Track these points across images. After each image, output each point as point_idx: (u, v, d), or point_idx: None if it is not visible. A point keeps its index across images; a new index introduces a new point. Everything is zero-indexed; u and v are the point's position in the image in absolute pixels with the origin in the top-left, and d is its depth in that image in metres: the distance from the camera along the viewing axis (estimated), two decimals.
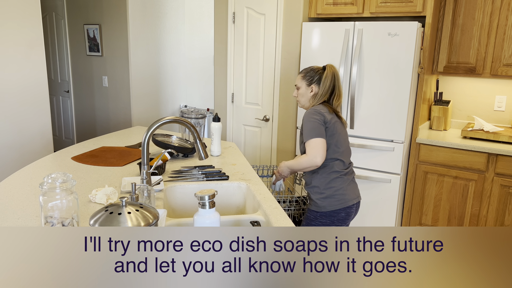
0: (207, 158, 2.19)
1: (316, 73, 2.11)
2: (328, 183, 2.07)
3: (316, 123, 1.99)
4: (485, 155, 3.01)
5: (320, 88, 2.09)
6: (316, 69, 2.13)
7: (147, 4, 4.78)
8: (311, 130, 1.97)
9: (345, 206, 2.08)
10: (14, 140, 3.35)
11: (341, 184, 2.07)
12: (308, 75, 2.12)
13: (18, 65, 3.30)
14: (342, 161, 2.08)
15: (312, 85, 2.11)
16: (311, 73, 2.12)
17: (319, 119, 2.00)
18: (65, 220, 1.40)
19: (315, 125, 1.99)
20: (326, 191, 2.07)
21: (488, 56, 3.16)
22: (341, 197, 2.07)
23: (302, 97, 2.16)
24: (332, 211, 2.07)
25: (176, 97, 5.45)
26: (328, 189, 2.07)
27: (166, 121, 1.67)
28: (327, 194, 2.07)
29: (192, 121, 2.63)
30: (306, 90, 2.13)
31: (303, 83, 2.13)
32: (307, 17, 3.51)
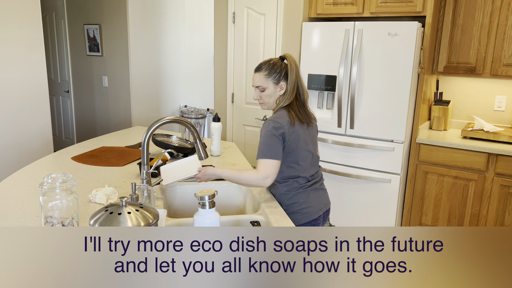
0: (207, 158, 2.18)
1: (281, 68, 1.82)
2: (289, 199, 1.86)
3: (274, 140, 1.75)
4: (485, 155, 3.01)
5: (289, 84, 1.82)
6: (277, 62, 1.84)
7: (147, 4, 4.78)
8: (268, 148, 1.74)
9: (310, 220, 1.89)
10: (14, 140, 3.35)
11: (304, 197, 1.88)
12: (273, 72, 1.81)
13: (18, 65, 3.30)
14: (304, 177, 1.88)
15: (281, 83, 1.82)
16: (275, 68, 1.82)
17: (278, 136, 1.76)
18: (65, 220, 1.40)
19: (273, 142, 1.75)
20: (288, 208, 1.86)
21: (488, 56, 3.16)
22: (305, 211, 1.88)
23: (270, 98, 1.85)
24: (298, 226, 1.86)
25: (176, 97, 5.45)
26: (291, 205, 1.86)
27: (166, 121, 1.67)
28: (291, 210, 1.86)
29: (192, 121, 2.63)
30: (275, 90, 1.83)
31: (269, 83, 1.81)
32: (307, 17, 3.51)
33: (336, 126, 3.37)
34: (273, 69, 1.81)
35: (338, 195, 3.47)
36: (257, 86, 1.85)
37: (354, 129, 3.30)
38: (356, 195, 3.39)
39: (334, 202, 3.51)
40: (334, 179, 3.45)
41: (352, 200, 3.42)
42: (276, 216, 1.66)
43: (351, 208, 3.44)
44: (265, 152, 1.74)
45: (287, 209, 1.85)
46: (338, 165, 3.43)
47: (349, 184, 3.40)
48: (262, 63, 1.85)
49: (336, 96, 3.32)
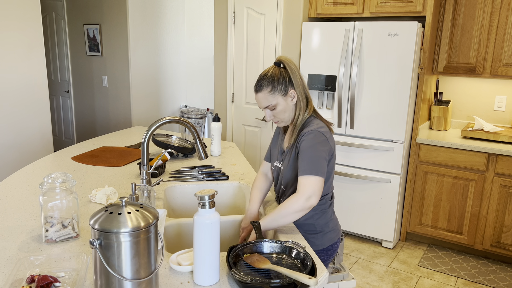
0: (207, 158, 2.18)
1: (283, 77, 1.59)
2: (323, 218, 1.69)
3: (322, 154, 1.54)
4: (485, 155, 3.01)
5: (297, 89, 1.60)
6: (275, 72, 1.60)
7: (147, 4, 4.78)
8: (315, 163, 1.51)
9: (340, 236, 1.78)
10: (14, 140, 3.35)
11: (332, 213, 1.75)
12: (277, 84, 1.57)
13: (18, 65, 3.30)
14: (331, 192, 1.75)
15: (290, 91, 1.59)
16: (278, 80, 1.58)
17: (327, 151, 1.56)
18: (65, 220, 1.40)
19: (320, 156, 1.53)
20: (323, 228, 1.70)
21: (488, 56, 3.16)
22: (336, 227, 1.76)
23: (285, 113, 1.61)
24: (330, 245, 1.74)
25: (176, 97, 5.45)
26: (325, 225, 1.70)
27: (166, 121, 1.67)
28: (326, 231, 1.71)
29: (192, 121, 2.63)
30: (286, 102, 1.60)
31: (277, 97, 1.58)
32: (307, 17, 3.51)
33: (336, 126, 3.37)
34: (275, 81, 1.58)
35: (338, 195, 3.47)
36: (265, 107, 1.61)
37: (354, 129, 3.30)
38: (356, 195, 3.39)
39: (334, 202, 3.51)
40: (334, 179, 3.45)
41: (352, 200, 3.42)
42: None
43: (351, 208, 3.44)
44: (313, 168, 1.50)
45: (322, 230, 1.68)
46: (338, 165, 3.43)
47: (349, 184, 3.40)
48: (261, 79, 1.60)
49: (336, 96, 3.32)
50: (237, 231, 1.69)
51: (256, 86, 1.61)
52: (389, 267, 3.11)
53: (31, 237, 1.43)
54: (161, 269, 1.25)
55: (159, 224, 1.46)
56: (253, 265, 1.23)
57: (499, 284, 2.90)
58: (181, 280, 1.20)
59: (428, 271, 3.06)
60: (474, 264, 3.15)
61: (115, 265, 1.00)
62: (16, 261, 1.27)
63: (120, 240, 0.99)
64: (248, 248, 1.34)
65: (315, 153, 1.52)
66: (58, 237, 1.39)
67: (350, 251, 3.32)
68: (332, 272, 2.48)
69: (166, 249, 1.47)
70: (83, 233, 1.46)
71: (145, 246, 1.03)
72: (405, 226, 3.42)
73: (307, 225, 1.67)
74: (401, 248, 3.38)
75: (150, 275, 1.05)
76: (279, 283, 1.13)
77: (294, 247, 1.33)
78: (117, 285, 1.02)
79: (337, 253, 2.80)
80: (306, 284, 1.11)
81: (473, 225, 3.14)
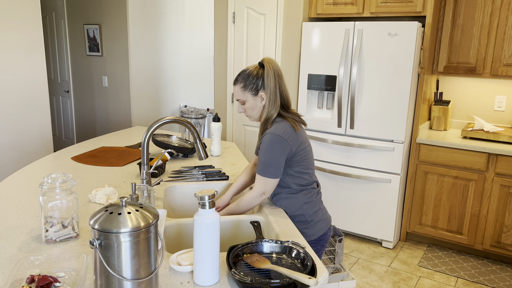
0: (207, 158, 2.18)
1: (257, 77, 1.68)
2: (313, 208, 1.75)
3: (276, 158, 1.64)
4: (485, 155, 3.01)
5: (267, 93, 1.68)
6: (253, 71, 1.70)
7: (147, 4, 4.78)
8: (267, 166, 1.64)
9: (329, 226, 1.82)
10: (14, 140, 3.35)
11: (321, 203, 1.81)
12: (249, 83, 1.68)
13: (18, 65, 3.30)
14: (315, 181, 1.81)
15: (260, 93, 1.68)
16: (251, 79, 1.68)
17: (282, 152, 1.64)
18: (65, 220, 1.40)
19: (273, 159, 1.64)
20: (313, 217, 1.75)
21: (488, 56, 3.16)
22: (325, 216, 1.81)
23: (253, 111, 1.73)
24: (321, 235, 1.79)
25: (176, 97, 5.45)
26: (315, 214, 1.75)
27: (166, 121, 1.67)
28: (316, 220, 1.75)
29: (192, 121, 2.63)
30: (255, 102, 1.70)
31: (247, 95, 1.69)
32: (307, 17, 3.51)
33: (336, 126, 3.36)
34: (248, 80, 1.68)
35: (338, 195, 3.47)
36: (237, 99, 1.74)
37: (354, 129, 3.30)
38: (356, 195, 3.39)
39: (334, 202, 3.51)
40: (334, 179, 3.45)
41: (352, 200, 3.42)
42: (276, 216, 1.66)
43: (351, 208, 3.44)
44: (267, 170, 1.64)
45: (312, 219, 1.74)
46: (338, 165, 3.43)
47: (349, 184, 3.40)
48: (238, 74, 1.72)
49: (336, 96, 3.32)
50: (237, 231, 1.69)
51: (234, 78, 1.77)
52: (389, 267, 3.11)
53: (31, 237, 1.43)
54: (161, 269, 1.25)
55: (159, 224, 1.46)
56: (253, 265, 1.23)
57: (499, 284, 2.90)
58: (181, 280, 1.20)
59: (428, 271, 3.06)
60: (474, 264, 3.15)
61: (115, 265, 1.00)
62: (16, 261, 1.27)
63: (120, 240, 0.99)
64: (248, 248, 1.34)
65: (269, 156, 1.65)
66: (58, 237, 1.39)
67: (350, 251, 3.32)
68: (332, 272, 2.48)
69: (166, 249, 1.47)
70: (83, 233, 1.46)
71: (145, 246, 1.03)
72: (405, 226, 3.42)
73: (298, 216, 1.74)
74: (401, 248, 3.38)
75: (150, 275, 1.05)
76: (279, 283, 1.13)
77: (294, 247, 1.33)
78: (117, 285, 1.02)
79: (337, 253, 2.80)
80: (306, 284, 1.11)
81: (473, 225, 3.14)
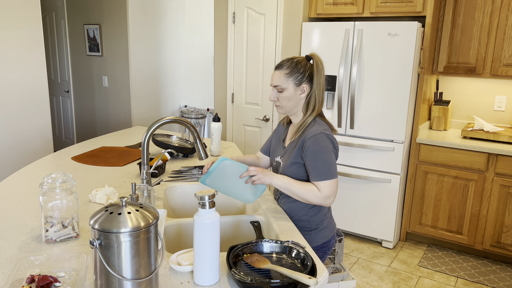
0: (207, 158, 2.18)
1: (305, 68, 1.61)
2: (318, 215, 1.70)
3: (333, 156, 1.58)
4: (485, 155, 3.01)
5: (315, 88, 1.61)
6: (301, 61, 1.62)
7: (147, 4, 4.78)
8: (329, 166, 1.56)
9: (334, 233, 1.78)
10: (14, 140, 3.35)
11: (329, 209, 1.77)
12: (296, 72, 1.60)
13: (18, 65, 3.30)
14: None
15: (303, 85, 1.61)
16: (299, 68, 1.60)
17: (334, 151, 1.59)
18: (65, 220, 1.40)
19: (333, 159, 1.57)
20: (318, 224, 1.70)
21: (488, 56, 3.16)
22: (331, 224, 1.76)
23: (288, 102, 1.64)
24: (324, 242, 1.74)
25: (176, 97, 5.45)
26: (320, 222, 1.71)
27: (166, 121, 1.67)
28: (321, 227, 1.71)
29: (192, 121, 2.63)
30: (295, 92, 1.62)
31: (289, 83, 1.60)
32: (307, 17, 3.51)
33: (336, 126, 3.37)
34: (296, 68, 1.60)
35: (338, 195, 3.47)
36: (275, 85, 1.63)
37: (354, 129, 3.30)
38: (356, 195, 3.39)
39: (334, 202, 3.51)
40: None
41: (352, 200, 3.42)
42: (276, 216, 1.66)
43: (351, 208, 3.44)
44: (329, 171, 1.55)
45: (316, 227, 1.69)
46: (338, 165, 3.43)
47: (349, 184, 3.40)
48: (284, 61, 1.64)
49: (336, 96, 3.32)
50: (237, 231, 1.69)
51: (277, 64, 1.65)
52: (389, 267, 3.11)
53: (31, 237, 1.43)
54: (161, 269, 1.25)
55: (159, 224, 1.46)
56: (253, 265, 1.23)
57: (499, 284, 2.90)
58: (181, 280, 1.20)
59: (428, 271, 3.06)
60: (474, 264, 3.15)
61: (115, 265, 1.00)
62: (16, 261, 1.27)
63: (120, 240, 0.99)
64: (248, 248, 1.34)
65: (327, 155, 1.57)
66: (58, 237, 1.39)
67: (350, 251, 3.32)
68: (332, 272, 2.48)
69: (166, 249, 1.47)
70: (83, 233, 1.46)
71: (145, 246, 1.03)
72: (405, 226, 3.42)
73: (302, 221, 1.70)
74: (401, 248, 3.38)
75: (150, 275, 1.05)
76: (279, 283, 1.13)
77: (294, 247, 1.33)
78: (117, 285, 1.02)
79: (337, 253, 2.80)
80: (306, 284, 1.11)
81: (473, 225, 3.14)
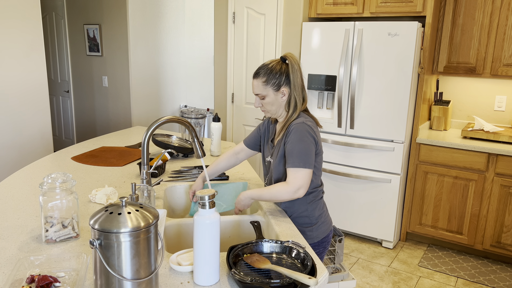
0: (205, 156, 2.18)
1: (280, 71, 1.64)
2: (316, 210, 1.73)
3: (310, 146, 1.59)
4: (485, 155, 3.01)
5: (293, 89, 1.65)
6: (275, 66, 1.66)
7: (147, 4, 4.78)
8: (304, 156, 1.57)
9: (331, 228, 1.82)
10: (14, 140, 3.35)
11: (325, 205, 1.82)
12: (272, 78, 1.64)
13: (18, 65, 3.30)
14: (322, 183, 1.80)
15: (282, 89, 1.65)
16: (274, 74, 1.64)
17: (313, 141, 1.61)
18: (65, 220, 1.40)
19: (308, 149, 1.58)
20: (317, 219, 1.73)
21: (488, 56, 3.16)
22: (328, 219, 1.81)
23: (271, 106, 1.67)
24: (324, 237, 1.78)
25: (176, 97, 5.45)
26: (319, 217, 1.74)
27: (164, 121, 1.67)
28: (319, 223, 1.74)
29: (192, 121, 2.63)
30: (275, 97, 1.65)
31: (268, 90, 1.64)
32: (307, 17, 3.51)
33: (336, 126, 3.37)
34: (272, 74, 1.63)
35: (338, 195, 3.47)
36: (256, 94, 1.68)
37: (354, 129, 3.30)
38: (356, 195, 3.39)
39: (334, 202, 3.51)
40: (334, 179, 3.45)
41: (352, 200, 3.42)
42: (276, 216, 1.66)
43: (351, 208, 3.44)
44: (301, 160, 1.56)
45: (316, 221, 1.72)
46: (338, 165, 3.43)
47: (349, 184, 3.40)
48: (260, 68, 1.68)
49: (336, 96, 3.32)
50: (237, 231, 1.69)
51: (254, 72, 1.69)
52: (389, 267, 3.11)
53: (31, 237, 1.43)
54: (161, 269, 1.25)
55: (159, 224, 1.46)
56: (253, 265, 1.23)
57: (499, 284, 2.90)
58: (181, 280, 1.20)
59: (428, 271, 3.06)
60: (474, 264, 3.15)
61: (115, 265, 1.00)
62: (16, 261, 1.27)
63: (120, 240, 0.99)
64: (248, 248, 1.34)
65: (304, 145, 1.59)
66: (58, 237, 1.39)
67: (350, 251, 3.32)
68: (332, 272, 2.48)
69: (166, 249, 1.47)
70: (83, 233, 1.46)
71: (145, 246, 1.03)
72: (405, 226, 3.42)
73: (303, 218, 1.72)
74: (401, 248, 3.38)
75: (150, 275, 1.05)
76: (279, 283, 1.13)
77: (294, 247, 1.33)
78: (117, 285, 1.02)
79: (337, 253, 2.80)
80: (306, 284, 1.11)
81: (473, 225, 3.14)
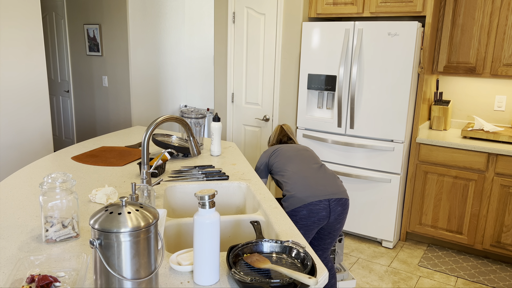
0: (200, 154, 2.19)
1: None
2: (287, 185, 2.28)
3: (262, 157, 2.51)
4: (485, 155, 3.01)
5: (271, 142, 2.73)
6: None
7: (147, 4, 4.78)
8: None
9: (303, 203, 2.16)
10: (14, 140, 3.35)
11: (299, 185, 2.25)
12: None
13: (18, 65, 3.30)
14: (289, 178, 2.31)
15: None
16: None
17: (262, 160, 2.48)
18: (65, 220, 1.40)
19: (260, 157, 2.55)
20: (285, 192, 2.27)
21: (488, 56, 3.16)
22: (298, 195, 2.19)
23: None
24: (293, 209, 2.19)
25: (176, 97, 5.45)
26: (287, 190, 2.26)
27: (162, 120, 1.67)
28: (288, 195, 2.23)
29: (192, 121, 2.63)
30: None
31: None
32: (307, 17, 3.51)
33: (336, 126, 3.37)
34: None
35: None
36: None
37: (354, 129, 3.30)
38: (356, 195, 3.39)
39: None
40: None
41: (352, 200, 3.42)
42: (276, 215, 1.66)
43: (351, 208, 3.44)
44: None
45: (285, 194, 2.30)
46: (338, 165, 3.43)
47: (349, 184, 3.40)
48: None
49: (336, 96, 3.32)
50: (237, 231, 1.70)
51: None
52: (389, 267, 3.11)
53: (31, 237, 1.43)
54: (161, 269, 1.25)
55: (159, 224, 1.46)
56: (253, 265, 1.23)
57: (499, 284, 2.90)
58: (181, 280, 1.20)
59: (428, 271, 3.06)
60: (474, 264, 3.15)
61: (115, 265, 1.00)
62: (16, 261, 1.27)
63: (120, 240, 0.99)
64: (248, 248, 1.34)
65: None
66: (58, 237, 1.39)
67: (350, 251, 3.32)
68: None
69: (166, 249, 1.47)
70: (83, 233, 1.46)
71: (145, 246, 1.03)
72: (405, 226, 3.42)
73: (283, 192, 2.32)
74: (401, 248, 3.38)
75: (150, 275, 1.05)
76: (279, 283, 1.13)
77: (294, 247, 1.33)
78: (117, 285, 1.02)
79: (337, 253, 2.79)
80: (306, 284, 1.11)
81: (473, 225, 3.14)
